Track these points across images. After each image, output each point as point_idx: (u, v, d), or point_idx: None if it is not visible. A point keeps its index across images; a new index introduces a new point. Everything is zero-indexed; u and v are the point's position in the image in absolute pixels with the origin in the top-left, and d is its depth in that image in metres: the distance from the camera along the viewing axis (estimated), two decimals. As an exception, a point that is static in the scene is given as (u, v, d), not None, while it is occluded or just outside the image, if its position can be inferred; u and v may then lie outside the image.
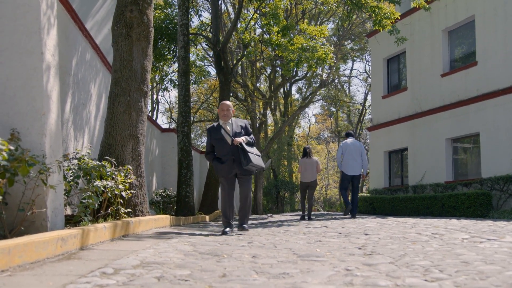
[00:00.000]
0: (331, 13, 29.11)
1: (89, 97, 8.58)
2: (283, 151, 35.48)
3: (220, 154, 6.56)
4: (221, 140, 6.51)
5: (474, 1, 14.77)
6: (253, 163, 6.34)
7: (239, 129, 6.64)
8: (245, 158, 6.35)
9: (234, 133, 6.57)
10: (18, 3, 4.01)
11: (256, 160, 6.44)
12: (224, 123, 6.64)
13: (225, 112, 6.64)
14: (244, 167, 6.38)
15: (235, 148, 6.48)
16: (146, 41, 6.92)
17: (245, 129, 6.74)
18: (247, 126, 6.83)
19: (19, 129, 3.94)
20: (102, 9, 11.93)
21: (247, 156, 6.34)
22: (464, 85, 14.89)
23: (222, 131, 6.54)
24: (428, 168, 16.03)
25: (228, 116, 6.63)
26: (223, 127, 6.59)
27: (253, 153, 6.47)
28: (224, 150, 6.51)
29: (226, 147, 6.50)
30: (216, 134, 6.56)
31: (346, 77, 39.71)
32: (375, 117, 19.84)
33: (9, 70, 3.98)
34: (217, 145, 6.57)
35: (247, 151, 6.37)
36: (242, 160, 6.37)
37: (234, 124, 6.67)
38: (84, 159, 5.51)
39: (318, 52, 15.62)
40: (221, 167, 6.55)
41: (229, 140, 6.50)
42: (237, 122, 6.77)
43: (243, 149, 6.40)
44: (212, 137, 6.59)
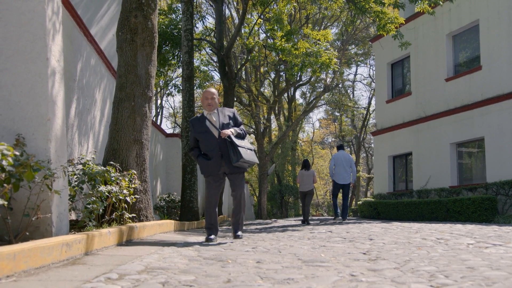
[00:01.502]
0: (335, 18, 29.15)
1: (93, 102, 8.60)
2: (287, 156, 35.47)
3: (206, 149, 5.74)
4: (206, 133, 5.71)
5: (478, 5, 14.76)
6: (244, 159, 5.51)
7: (227, 120, 5.83)
8: (235, 153, 5.54)
9: (222, 124, 5.76)
10: (24, 9, 4.03)
11: (248, 155, 5.61)
12: (209, 113, 5.84)
13: (209, 101, 5.81)
14: (234, 163, 5.56)
15: (223, 142, 5.66)
16: (150, 47, 6.95)
17: (233, 119, 5.90)
18: (236, 115, 5.99)
19: (24, 135, 3.95)
20: (106, 14, 11.99)
21: (237, 150, 5.53)
22: (469, 89, 14.86)
23: (207, 122, 5.75)
24: (433, 172, 15.98)
25: (212, 106, 5.82)
26: (208, 118, 5.79)
27: (244, 147, 5.64)
28: (210, 145, 5.69)
29: (212, 141, 5.68)
30: (200, 126, 5.77)
31: (350, 82, 39.75)
32: (379, 121, 19.81)
33: (15, 76, 3.99)
34: (202, 139, 5.76)
35: (237, 145, 5.55)
36: (232, 156, 5.56)
37: (220, 114, 5.87)
38: (88, 164, 5.52)
39: (322, 57, 15.63)
40: (207, 164, 5.72)
41: (216, 132, 5.70)
42: (224, 111, 5.95)
43: (232, 142, 5.58)
44: (196, 130, 5.80)
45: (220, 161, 5.67)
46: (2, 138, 3.83)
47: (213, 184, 5.76)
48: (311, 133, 47.51)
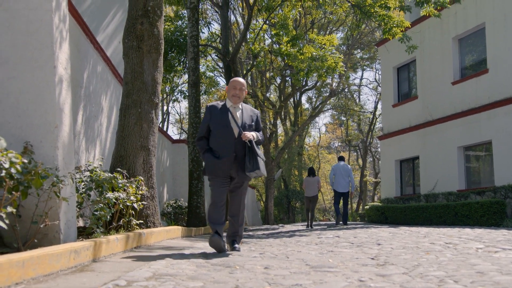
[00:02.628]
0: (340, 22, 29.17)
1: (100, 109, 8.64)
2: (294, 161, 35.44)
3: (217, 145, 4.95)
4: (225, 127, 4.94)
5: (484, 8, 14.72)
6: (260, 171, 4.84)
7: (249, 121, 5.09)
8: (252, 162, 4.84)
9: (244, 124, 5.01)
10: (31, 18, 4.06)
11: (262, 167, 4.90)
12: (233, 106, 5.08)
13: (236, 91, 5.05)
14: (248, 172, 4.84)
15: (240, 144, 4.91)
16: (156, 53, 6.98)
17: (256, 122, 5.18)
18: (259, 119, 5.26)
19: (32, 142, 3.97)
20: (112, 22, 12.07)
21: (256, 159, 4.84)
22: (475, 92, 14.79)
23: (229, 115, 4.98)
24: (440, 176, 15.91)
25: (239, 98, 5.06)
26: (230, 111, 5.03)
27: (260, 156, 4.93)
28: (225, 143, 4.91)
29: (229, 139, 4.91)
30: (220, 117, 4.99)
31: (356, 86, 39.70)
32: (385, 125, 19.76)
33: (22, 84, 4.02)
34: (216, 133, 4.97)
35: (257, 154, 4.87)
36: (247, 164, 4.83)
37: (245, 113, 5.11)
38: (96, 171, 5.54)
39: (328, 61, 15.64)
40: (214, 164, 4.92)
41: (236, 131, 4.94)
42: (248, 110, 5.19)
43: (252, 149, 4.85)
44: (213, 119, 5.01)
45: (231, 164, 4.90)
46: (11, 145, 3.85)
47: (219, 189, 4.95)
48: (318, 138, 47.48)
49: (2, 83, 4.00)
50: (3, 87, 4.01)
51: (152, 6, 6.96)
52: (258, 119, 5.23)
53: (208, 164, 4.99)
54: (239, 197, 5.10)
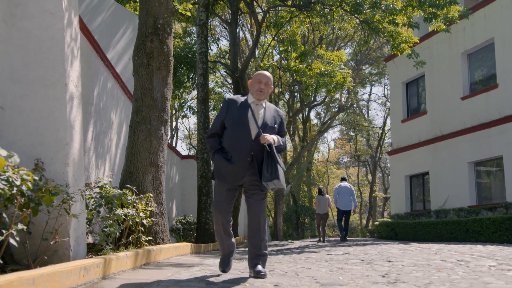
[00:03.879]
0: (348, 38, 29.27)
1: (110, 125, 8.70)
2: (303, 177, 35.34)
3: (231, 146, 4.19)
4: (242, 125, 4.18)
5: (493, 23, 14.72)
6: (279, 181, 4.06)
7: (272, 122, 4.31)
8: (270, 170, 4.06)
9: (265, 125, 4.24)
10: (44, 37, 4.12)
11: (281, 177, 4.12)
12: (255, 102, 4.33)
13: (261, 85, 4.29)
14: (265, 182, 4.05)
15: (257, 147, 4.14)
16: (166, 70, 7.03)
17: (280, 125, 4.40)
18: (283, 121, 4.47)
19: (43, 159, 4.00)
20: (122, 39, 12.21)
21: (275, 167, 4.06)
22: (485, 107, 14.73)
23: (249, 112, 4.23)
24: (451, 192, 15.78)
25: (264, 94, 4.31)
26: (251, 107, 4.28)
27: (281, 165, 4.15)
28: (240, 144, 4.16)
29: (246, 139, 4.15)
30: (238, 112, 4.23)
31: (365, 102, 39.67)
32: (395, 141, 19.70)
33: (34, 102, 4.07)
34: (232, 131, 4.21)
35: (277, 161, 4.09)
36: (265, 172, 4.06)
37: (268, 112, 4.33)
38: (105, 187, 5.56)
39: (337, 77, 15.68)
40: (225, 167, 4.17)
41: (254, 131, 4.17)
42: (271, 110, 4.41)
43: (271, 154, 4.09)
44: (229, 114, 4.25)
45: (246, 169, 4.15)
46: (22, 163, 3.88)
47: (224, 199, 4.26)
48: (326, 153, 47.36)
49: (14, 101, 4.05)
50: (15, 105, 4.05)
51: (161, 24, 7.03)
52: (283, 122, 4.45)
53: (217, 167, 4.23)
54: (257, 210, 4.24)
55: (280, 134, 4.41)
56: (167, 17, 7.13)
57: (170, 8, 7.19)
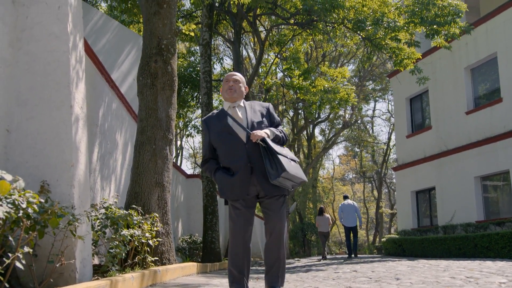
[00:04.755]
0: (351, 55, 29.42)
1: (115, 145, 8.73)
2: (308, 194, 35.22)
3: (228, 160, 3.84)
4: (229, 135, 3.84)
5: (495, 38, 14.76)
6: (288, 173, 3.58)
7: (258, 117, 3.94)
8: (274, 164, 3.64)
9: (251, 123, 3.87)
10: (49, 59, 4.16)
11: (292, 167, 3.67)
12: (231, 107, 3.96)
13: (230, 83, 3.97)
14: (273, 180, 3.62)
15: (253, 149, 3.76)
16: (170, 90, 7.08)
17: (268, 116, 4.01)
18: (271, 111, 4.06)
19: (48, 181, 4.01)
20: (127, 59, 12.32)
21: (277, 159, 3.63)
22: (490, 122, 14.70)
23: (229, 120, 3.88)
24: (458, 207, 15.67)
25: (235, 91, 3.96)
26: (229, 114, 3.91)
27: (286, 156, 3.71)
28: (235, 153, 3.80)
29: (238, 147, 3.79)
30: (219, 125, 3.90)
31: (369, 118, 39.70)
32: (400, 156, 19.64)
33: (40, 124, 4.09)
34: (221, 145, 3.88)
35: (276, 152, 3.67)
36: (269, 169, 3.64)
37: (249, 110, 3.97)
38: (111, 208, 5.56)
39: (340, 93, 15.73)
40: (229, 183, 3.79)
41: (243, 134, 3.81)
42: (255, 106, 4.05)
43: (268, 148, 3.69)
44: (212, 132, 3.93)
45: (250, 177, 3.74)
46: (28, 185, 3.89)
47: (239, 217, 3.77)
48: (332, 170, 47.27)
49: (20, 124, 4.08)
50: (22, 128, 4.08)
51: (165, 45, 7.10)
52: (270, 112, 4.04)
53: (221, 185, 3.86)
54: (274, 222, 3.77)
55: (273, 125, 3.99)
56: (171, 37, 7.19)
57: (174, 29, 7.26)
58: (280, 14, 15.47)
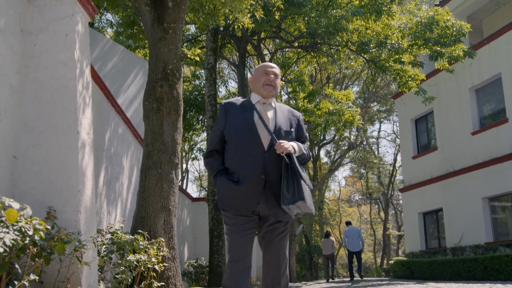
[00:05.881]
0: (356, 76, 29.54)
1: (121, 170, 8.74)
2: (315, 216, 34.99)
3: (237, 163, 3.16)
4: (249, 132, 3.15)
5: (499, 58, 14.80)
6: (304, 202, 3.02)
7: (287, 125, 3.27)
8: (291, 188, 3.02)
9: (278, 129, 3.20)
10: (56, 86, 4.21)
11: (308, 197, 3.07)
12: (262, 101, 3.30)
13: (269, 77, 3.28)
14: (285, 205, 3.03)
15: (272, 160, 3.12)
16: (176, 114, 7.11)
17: (298, 129, 3.37)
18: (302, 123, 3.42)
19: (55, 207, 4.01)
20: (133, 84, 12.42)
21: (298, 184, 3.02)
22: (496, 142, 14.64)
23: (255, 116, 3.20)
24: (466, 228, 15.51)
25: (275, 89, 3.30)
26: (257, 109, 3.24)
27: (305, 181, 3.09)
28: (249, 158, 3.12)
29: (256, 151, 3.12)
30: (241, 118, 3.20)
31: (374, 139, 39.64)
32: (406, 178, 19.54)
33: (47, 150, 4.11)
34: (236, 142, 3.17)
35: (300, 174, 3.05)
36: (284, 192, 3.02)
37: (280, 113, 3.29)
38: (117, 233, 5.54)
39: (345, 115, 15.75)
40: (232, 192, 3.13)
41: (266, 139, 3.15)
42: (284, 110, 3.36)
43: (292, 168, 3.06)
44: (230, 121, 3.22)
45: (260, 192, 3.10)
46: (35, 211, 3.89)
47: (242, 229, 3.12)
48: (338, 191, 47.04)
49: (27, 150, 4.10)
50: (28, 154, 4.10)
51: (171, 69, 7.16)
52: (301, 123, 3.40)
53: (222, 194, 3.18)
54: (277, 249, 3.22)
55: (300, 140, 3.35)
56: (176, 62, 7.26)
57: (179, 54, 7.33)
58: (284, 37, 15.61)
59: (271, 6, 11.14)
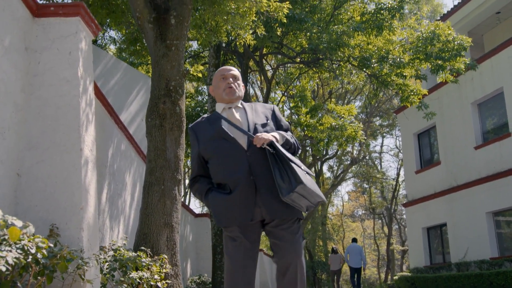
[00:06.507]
0: (358, 91, 29.62)
1: (124, 186, 8.73)
2: (318, 231, 34.84)
3: (223, 174, 2.94)
4: (223, 142, 2.95)
5: (501, 73, 14.84)
6: (305, 185, 2.68)
7: (262, 119, 3.05)
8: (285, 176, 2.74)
9: (253, 126, 2.98)
10: (60, 104, 4.23)
11: (309, 181, 2.76)
12: (227, 107, 3.10)
13: (228, 80, 3.10)
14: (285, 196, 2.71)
15: (257, 157, 2.87)
16: (178, 131, 7.12)
17: (273, 118, 3.12)
18: (277, 113, 3.18)
19: (58, 224, 4.01)
20: (135, 100, 12.47)
21: (291, 169, 2.73)
22: (500, 157, 14.61)
23: (223, 124, 2.99)
24: (470, 243, 15.40)
25: (238, 93, 3.10)
26: (224, 117, 3.04)
27: (300, 166, 2.82)
28: (233, 164, 2.89)
29: (237, 156, 2.89)
30: (209, 130, 3.02)
31: (377, 154, 39.61)
32: (409, 192, 19.48)
33: (50, 167, 4.12)
34: (214, 156, 2.98)
35: (289, 158, 2.77)
36: (279, 182, 2.74)
37: (249, 111, 3.08)
38: (120, 250, 5.51)
39: (348, 130, 15.75)
40: (226, 202, 2.89)
41: (243, 140, 2.93)
42: (256, 106, 3.16)
43: (277, 154, 2.80)
44: (202, 141, 3.04)
45: (254, 195, 2.84)
46: (37, 228, 3.88)
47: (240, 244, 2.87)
48: (341, 206, 46.87)
49: (31, 167, 4.11)
50: (32, 171, 4.11)
51: (174, 86, 7.19)
52: (276, 114, 3.17)
53: (215, 207, 2.95)
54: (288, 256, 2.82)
55: (280, 130, 3.10)
56: (179, 79, 7.29)
57: (182, 70, 7.37)
58: (286, 53, 15.69)
59: (273, 22, 11.20)
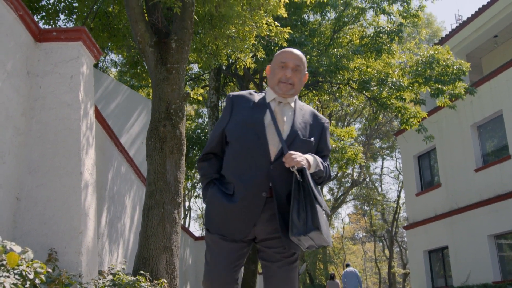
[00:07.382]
0: (358, 113, 29.72)
1: (123, 209, 8.69)
2: (319, 254, 34.59)
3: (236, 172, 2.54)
4: (255, 136, 2.52)
5: (499, 95, 14.91)
6: (320, 233, 2.32)
7: (306, 132, 2.61)
8: (303, 214, 2.36)
9: (293, 136, 2.55)
10: (61, 127, 4.24)
11: (325, 225, 2.38)
12: (277, 100, 2.65)
13: (288, 73, 2.59)
14: (295, 236, 2.36)
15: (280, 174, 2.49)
16: (179, 154, 7.12)
17: (320, 139, 2.69)
18: (326, 132, 2.72)
19: (56, 248, 3.98)
20: (136, 123, 12.50)
21: (312, 209, 2.35)
22: (500, 179, 14.58)
23: (267, 115, 2.57)
24: (472, 267, 15.27)
25: (294, 87, 2.63)
26: (272, 108, 2.61)
27: (322, 205, 2.42)
28: (251, 167, 2.50)
29: (260, 161, 2.50)
30: (249, 114, 2.58)
31: (377, 176, 39.53)
32: (410, 215, 19.39)
33: (50, 191, 4.11)
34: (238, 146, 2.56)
35: (315, 196, 2.38)
36: (294, 219, 2.36)
37: (299, 116, 2.63)
38: (119, 274, 5.46)
39: (348, 153, 15.75)
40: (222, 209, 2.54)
41: (275, 146, 2.52)
42: (306, 113, 2.68)
43: (305, 186, 2.40)
44: (234, 117, 2.61)
45: (258, 215, 2.49)
46: (36, 253, 3.85)
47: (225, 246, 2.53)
48: (341, 229, 46.58)
49: (30, 191, 4.10)
50: (31, 195, 4.10)
51: (174, 109, 7.21)
52: (325, 133, 2.71)
53: (211, 209, 2.61)
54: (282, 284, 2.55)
55: (320, 154, 2.67)
56: (179, 102, 7.32)
57: (182, 93, 7.41)
58: (286, 76, 15.75)
59: (273, 46, 11.30)
